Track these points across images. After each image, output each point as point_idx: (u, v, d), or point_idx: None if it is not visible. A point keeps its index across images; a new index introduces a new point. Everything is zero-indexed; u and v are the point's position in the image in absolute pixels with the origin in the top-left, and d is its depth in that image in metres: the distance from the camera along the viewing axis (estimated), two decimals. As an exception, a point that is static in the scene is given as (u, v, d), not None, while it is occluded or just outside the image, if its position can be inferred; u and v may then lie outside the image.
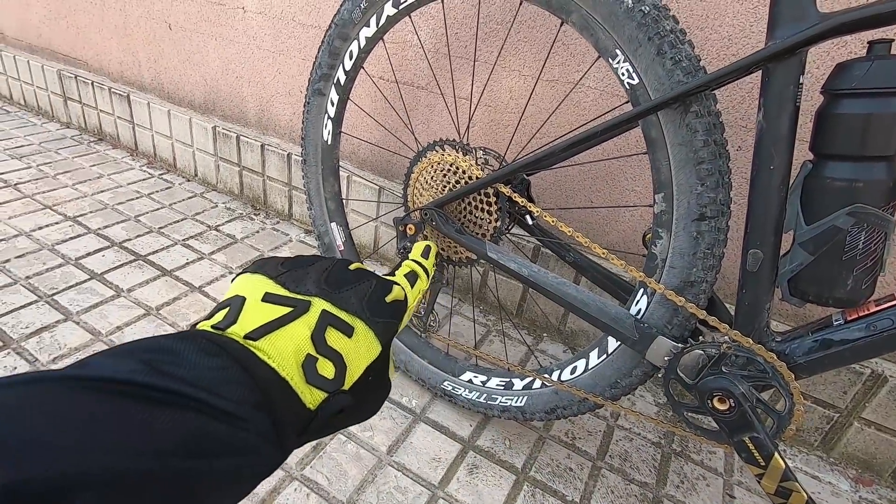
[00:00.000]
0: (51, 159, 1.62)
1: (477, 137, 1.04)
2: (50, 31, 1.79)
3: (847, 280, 0.49)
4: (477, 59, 0.97)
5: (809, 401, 0.89)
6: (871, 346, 0.49)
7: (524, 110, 0.93)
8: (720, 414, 0.56)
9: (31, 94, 1.95)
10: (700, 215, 0.56)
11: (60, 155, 1.66)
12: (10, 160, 1.58)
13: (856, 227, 0.47)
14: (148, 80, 1.61)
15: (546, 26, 0.89)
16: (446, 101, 1.03)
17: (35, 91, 1.92)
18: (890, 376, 0.82)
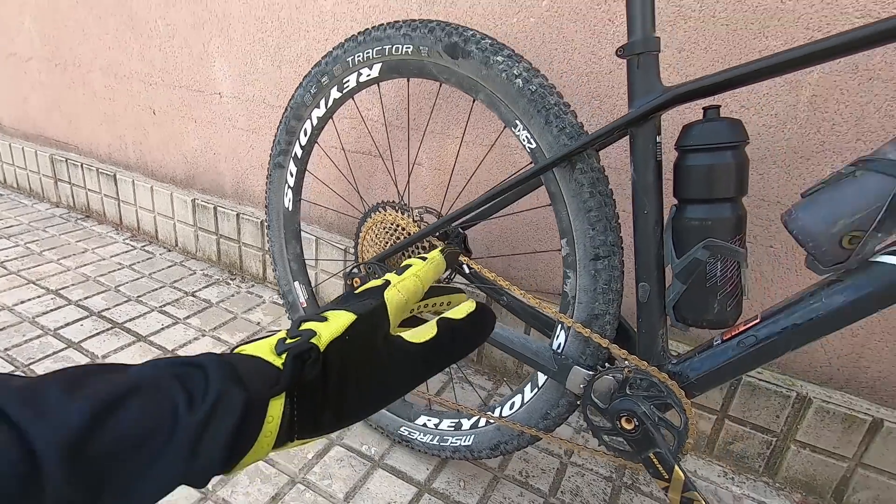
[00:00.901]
0: (38, 237, 1.71)
1: (425, 198, 1.14)
2: (45, 121, 1.94)
3: (713, 304, 0.57)
4: (412, 129, 1.09)
5: (748, 426, 0.94)
6: (743, 361, 0.56)
7: (452, 171, 1.04)
8: (628, 433, 0.61)
9: (24, 177, 2.07)
10: (595, 255, 0.65)
11: (48, 233, 1.75)
12: (2, 238, 1.67)
13: (711, 258, 0.56)
14: (133, 161, 1.73)
15: (465, 101, 1.02)
16: (387, 167, 1.14)
17: (28, 174, 2.04)
18: (814, 398, 0.87)
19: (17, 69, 1.91)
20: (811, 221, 0.49)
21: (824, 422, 0.87)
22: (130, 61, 1.57)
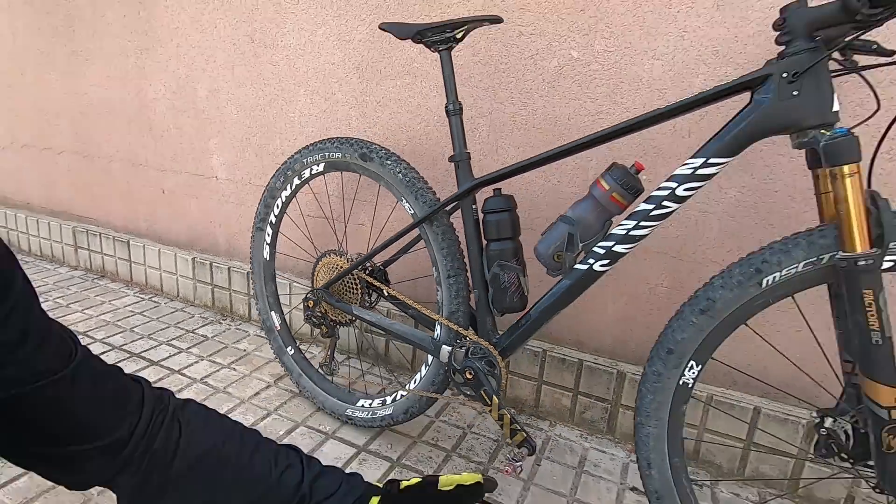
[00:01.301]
0: (64, 293, 2.10)
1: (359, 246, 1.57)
2: (70, 200, 2.37)
3: (507, 299, 0.99)
4: (347, 201, 1.54)
5: (592, 398, 1.33)
6: (525, 333, 0.98)
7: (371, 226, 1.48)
8: (469, 381, 1.02)
9: (48, 246, 2.47)
10: (448, 275, 1.08)
11: (71, 290, 2.14)
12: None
13: (503, 272, 0.99)
14: (144, 229, 2.16)
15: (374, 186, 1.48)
16: (331, 226, 1.58)
17: (51, 244, 2.45)
18: (627, 373, 1.28)
19: (50, 160, 2.36)
20: (541, 249, 0.93)
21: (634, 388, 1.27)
22: (146, 154, 2.03)
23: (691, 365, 0.81)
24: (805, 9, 0.69)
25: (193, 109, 1.83)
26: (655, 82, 1.13)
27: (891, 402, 0.66)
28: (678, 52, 1.09)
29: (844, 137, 0.66)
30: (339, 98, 1.53)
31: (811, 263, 0.71)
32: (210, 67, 1.74)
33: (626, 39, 1.13)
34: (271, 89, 1.64)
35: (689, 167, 0.79)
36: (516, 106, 1.27)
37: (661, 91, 1.13)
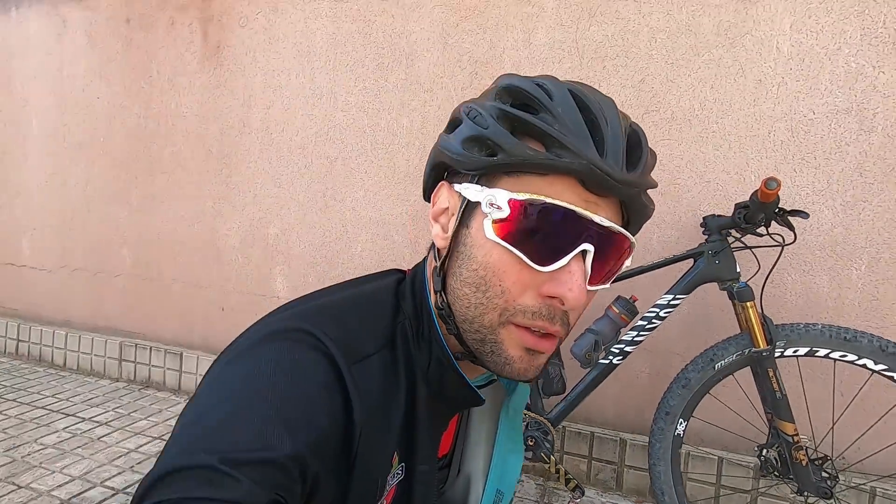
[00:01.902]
0: (119, 404, 2.31)
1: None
2: (118, 317, 2.64)
3: (553, 386, 1.47)
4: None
5: (603, 462, 1.77)
6: (565, 410, 1.45)
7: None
8: (531, 446, 1.45)
9: (87, 361, 2.67)
10: (508, 371, 1.55)
11: (123, 401, 2.36)
12: (90, 408, 2.25)
13: (550, 367, 1.47)
14: (198, 342, 2.47)
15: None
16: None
17: (91, 358, 2.66)
18: (627, 439, 1.75)
19: (102, 281, 2.66)
20: (576, 350, 1.43)
21: (635, 451, 1.74)
22: (210, 277, 2.41)
23: (681, 421, 1.31)
24: (716, 218, 1.32)
25: (263, 244, 2.28)
26: (628, 237, 1.74)
27: (793, 432, 1.19)
28: (640, 219, 1.73)
29: (745, 288, 1.25)
30: (395, 239, 2.05)
31: (739, 354, 1.27)
32: (283, 213, 2.24)
33: (606, 210, 1.77)
34: (337, 231, 2.15)
35: (664, 299, 1.36)
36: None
37: (631, 242, 1.74)
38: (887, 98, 1.47)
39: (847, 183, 1.52)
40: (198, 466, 0.35)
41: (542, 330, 0.44)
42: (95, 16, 2.53)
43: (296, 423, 0.38)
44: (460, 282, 0.46)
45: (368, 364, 0.45)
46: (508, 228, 0.43)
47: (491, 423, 0.62)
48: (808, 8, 1.52)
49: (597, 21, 1.72)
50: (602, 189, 0.43)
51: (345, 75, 2.08)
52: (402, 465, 0.50)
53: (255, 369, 0.41)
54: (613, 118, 0.44)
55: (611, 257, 0.46)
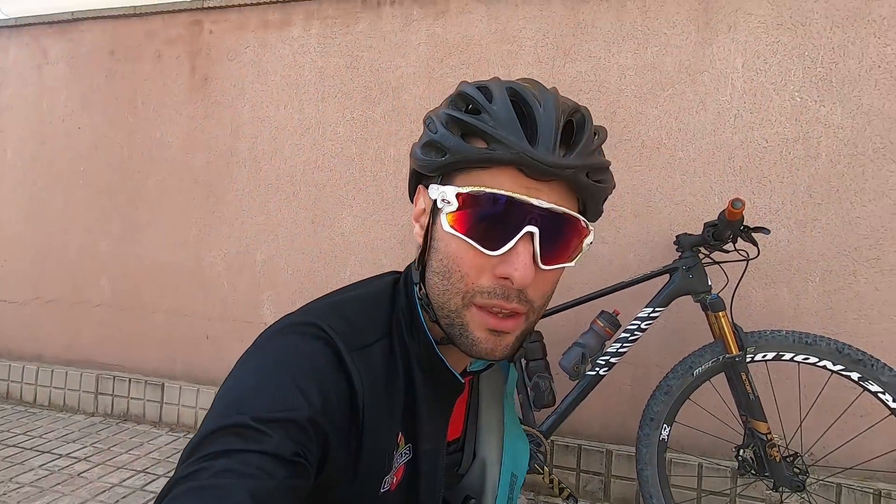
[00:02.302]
0: (97, 439, 2.24)
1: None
2: (95, 349, 2.58)
3: (544, 399, 1.54)
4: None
5: (591, 473, 1.84)
6: (556, 422, 1.52)
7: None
8: (525, 458, 1.50)
9: (60, 396, 2.58)
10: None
11: (101, 435, 2.28)
12: (66, 444, 2.18)
13: (541, 380, 1.55)
14: (180, 372, 2.43)
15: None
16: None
17: (65, 393, 2.57)
18: (613, 450, 1.82)
19: (78, 313, 2.60)
20: (564, 363, 1.51)
21: (621, 462, 1.81)
22: (194, 305, 2.40)
23: (665, 427, 1.40)
24: (687, 237, 1.44)
25: (250, 271, 2.30)
26: (605, 256, 1.86)
27: (766, 430, 1.29)
28: (617, 238, 1.85)
29: (717, 299, 1.37)
30: (384, 263, 2.11)
31: (714, 361, 1.37)
32: (271, 240, 2.27)
33: (585, 231, 1.88)
34: (326, 256, 2.19)
35: (645, 312, 1.46)
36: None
37: (609, 260, 1.86)
38: (828, 128, 1.65)
39: (799, 203, 1.68)
40: (235, 425, 0.41)
41: (500, 308, 0.49)
42: (78, 47, 2.55)
43: (310, 392, 0.45)
44: (432, 272, 0.52)
45: (368, 352, 0.52)
46: (459, 219, 0.49)
47: (498, 409, 0.67)
48: (757, 49, 1.71)
49: (571, 59, 1.88)
50: (539, 174, 0.47)
51: (333, 106, 2.17)
52: (409, 446, 0.55)
53: (274, 352, 0.48)
54: (549, 108, 0.48)
55: (563, 237, 0.50)
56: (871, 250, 1.63)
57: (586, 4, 1.86)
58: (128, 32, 2.46)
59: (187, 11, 2.36)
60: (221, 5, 2.29)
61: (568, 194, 0.50)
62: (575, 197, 0.51)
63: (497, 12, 1.95)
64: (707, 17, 1.75)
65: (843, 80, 1.64)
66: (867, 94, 1.62)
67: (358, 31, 2.12)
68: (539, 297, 0.51)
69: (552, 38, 1.90)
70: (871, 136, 1.63)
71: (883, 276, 1.62)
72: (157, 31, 2.42)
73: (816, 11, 1.66)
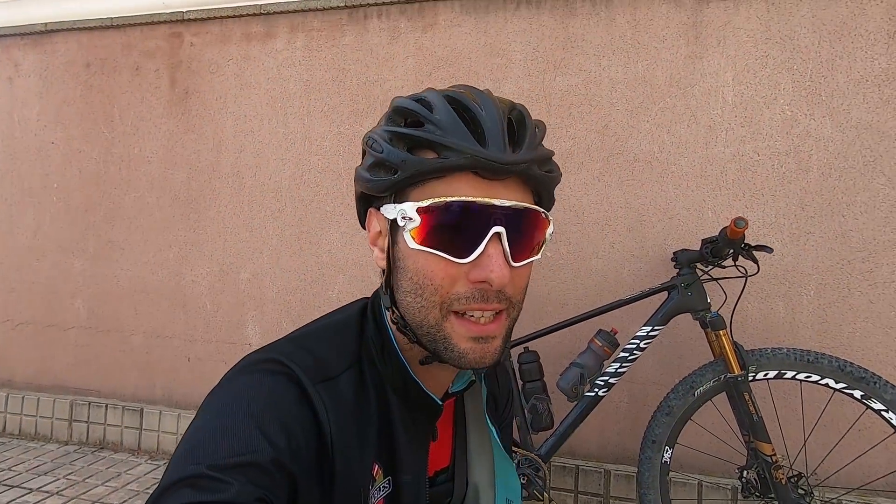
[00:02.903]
0: (71, 470, 2.12)
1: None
2: (69, 373, 2.46)
3: (542, 421, 1.49)
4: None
5: (589, 495, 1.79)
6: (555, 445, 1.48)
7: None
8: (524, 484, 1.45)
9: (31, 423, 2.45)
10: (497, 409, 1.56)
11: (76, 465, 2.17)
12: (37, 477, 2.06)
13: (538, 402, 1.50)
14: (160, 396, 2.33)
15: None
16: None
17: (37, 420, 2.44)
18: (612, 471, 1.78)
19: (52, 335, 2.48)
20: (562, 384, 1.47)
21: (620, 482, 1.77)
22: (175, 326, 2.31)
23: (667, 449, 1.36)
24: (685, 253, 1.42)
25: (234, 290, 2.22)
26: (600, 271, 1.83)
27: (771, 452, 1.26)
28: (611, 253, 1.82)
29: (717, 317, 1.34)
30: (373, 281, 2.05)
31: (716, 380, 1.35)
32: (255, 257, 2.19)
33: (579, 246, 1.85)
34: (313, 274, 2.12)
35: (643, 331, 1.43)
36: (513, 286, 1.90)
37: (604, 276, 1.83)
38: (819, 142, 1.66)
39: (792, 217, 1.68)
40: (189, 476, 0.39)
41: (481, 311, 0.48)
42: (52, 60, 2.46)
43: (272, 432, 0.44)
44: (402, 293, 0.51)
45: (335, 383, 0.50)
46: (423, 233, 0.48)
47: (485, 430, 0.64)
48: (747, 62, 1.70)
49: (561, 72, 1.86)
50: (495, 174, 0.48)
51: (319, 121, 2.11)
52: (389, 479, 0.53)
53: (233, 394, 0.47)
54: (490, 109, 0.49)
55: (528, 232, 0.50)
56: (864, 263, 1.63)
57: (576, 18, 1.84)
58: (104, 44, 2.38)
59: (167, 23, 2.29)
60: (202, 17, 2.23)
61: (523, 189, 0.51)
62: (529, 190, 0.52)
63: (486, 25, 1.93)
64: (696, 32, 1.75)
65: (831, 93, 1.65)
66: (856, 108, 1.63)
67: (344, 44, 2.08)
68: (517, 293, 0.51)
69: (542, 51, 1.88)
70: (860, 150, 1.63)
71: (876, 289, 1.62)
72: (135, 43, 2.34)
73: (804, 26, 1.67)
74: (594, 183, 1.83)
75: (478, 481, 0.64)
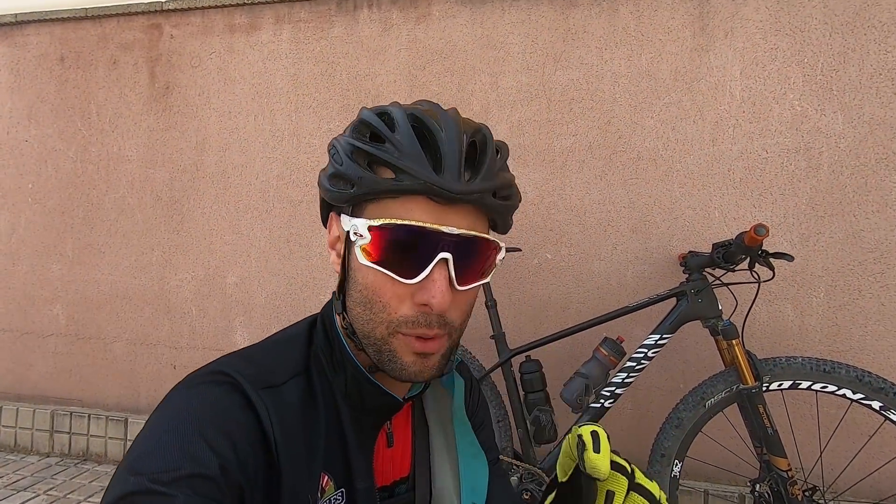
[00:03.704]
0: (52, 484, 2.03)
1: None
2: (49, 382, 2.36)
3: (545, 434, 1.43)
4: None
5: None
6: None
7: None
8: (528, 500, 1.39)
9: (10, 435, 2.35)
10: (497, 421, 1.49)
11: (58, 479, 2.07)
12: (16, 493, 1.96)
13: (541, 413, 1.44)
14: (145, 405, 2.24)
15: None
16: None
17: (16, 431, 2.34)
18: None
19: (29, 343, 2.37)
20: (566, 395, 1.40)
21: (623, 490, 1.71)
22: (159, 333, 2.21)
23: (676, 462, 1.30)
24: (696, 257, 1.35)
25: (220, 295, 2.13)
26: (603, 274, 1.76)
27: (786, 467, 1.21)
28: (614, 255, 1.75)
29: (729, 326, 1.28)
30: (366, 284, 1.97)
31: (728, 391, 1.28)
32: (243, 261, 2.10)
33: (581, 247, 1.78)
34: (303, 278, 2.04)
35: (651, 339, 1.36)
36: (524, 294, 1.83)
37: (607, 279, 1.76)
38: (830, 138, 1.59)
39: (801, 217, 1.62)
40: (131, 492, 0.39)
41: (424, 336, 0.50)
42: (23, 53, 2.33)
43: (216, 442, 0.44)
44: (353, 302, 0.53)
45: (278, 391, 0.51)
46: (374, 251, 0.49)
47: (448, 433, 0.64)
48: (755, 56, 1.63)
49: (562, 66, 1.77)
50: (447, 201, 0.48)
51: (307, 117, 2.01)
52: (342, 491, 0.53)
53: (176, 407, 0.47)
54: (452, 135, 0.49)
55: (476, 258, 0.51)
56: (876, 264, 1.57)
57: (577, 9, 1.76)
58: (79, 37, 2.26)
59: (145, 14, 2.17)
60: (183, 7, 2.11)
61: (477, 215, 0.52)
62: (484, 216, 0.53)
63: (482, 16, 1.84)
64: (703, 23, 1.67)
65: (843, 87, 1.58)
66: (869, 103, 1.57)
67: (333, 37, 1.97)
68: (458, 318, 0.52)
69: (541, 43, 1.79)
70: (873, 146, 1.57)
71: (888, 291, 1.57)
72: (112, 34, 2.22)
73: (815, 17, 1.60)
74: (596, 182, 1.75)
75: (442, 486, 0.63)
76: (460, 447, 0.64)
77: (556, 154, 1.78)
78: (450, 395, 0.65)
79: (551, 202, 1.80)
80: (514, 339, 1.76)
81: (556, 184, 1.79)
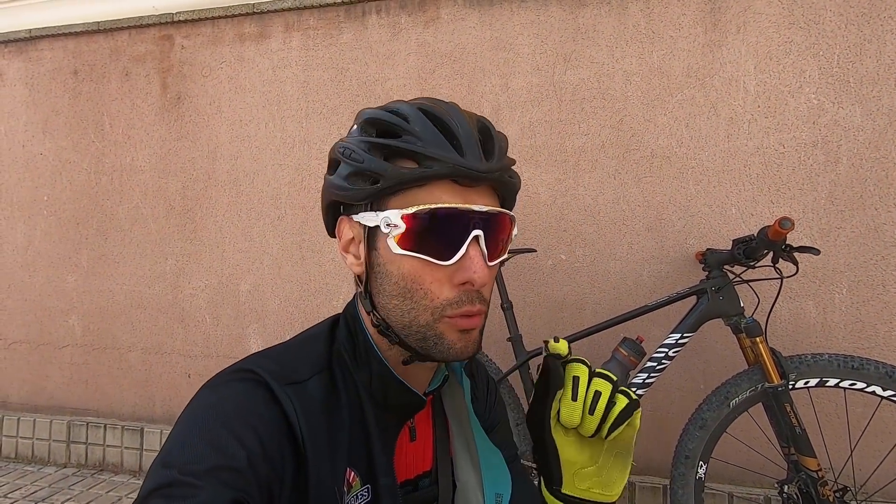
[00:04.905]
0: (69, 495, 2.03)
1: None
2: (65, 393, 2.37)
3: None
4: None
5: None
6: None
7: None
8: None
9: (28, 446, 2.36)
10: (516, 423, 1.47)
11: (75, 490, 2.08)
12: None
13: None
14: (160, 414, 2.24)
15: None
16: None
17: (34, 443, 2.35)
18: (636, 483, 1.69)
19: (46, 354, 2.39)
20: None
21: (645, 495, 1.68)
22: (173, 342, 2.22)
23: (701, 464, 1.28)
24: (716, 253, 1.33)
25: (234, 302, 2.13)
26: (618, 273, 1.74)
27: (816, 467, 1.17)
28: (630, 254, 1.73)
29: (753, 323, 1.25)
30: (380, 289, 1.96)
31: (753, 390, 1.26)
32: (256, 268, 2.10)
33: (595, 248, 1.76)
34: (316, 284, 2.03)
35: (672, 338, 1.34)
36: (539, 296, 1.81)
37: (623, 278, 1.74)
38: (848, 131, 1.57)
39: (821, 211, 1.59)
40: (161, 485, 0.41)
41: (468, 313, 0.52)
42: (38, 68, 2.36)
43: (244, 436, 0.45)
44: (387, 297, 0.53)
45: (302, 386, 0.52)
46: (409, 239, 0.50)
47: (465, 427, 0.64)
48: (769, 50, 1.61)
49: (572, 65, 1.76)
50: (472, 181, 0.51)
51: (318, 123, 2.02)
52: (368, 488, 0.54)
53: (206, 403, 0.48)
54: (462, 121, 0.52)
55: (499, 234, 0.54)
56: (900, 258, 1.54)
57: (586, 8, 1.75)
58: (91, 50, 2.29)
59: (156, 26, 2.20)
60: (193, 18, 2.13)
61: (492, 194, 0.55)
62: (496, 195, 0.56)
63: (491, 18, 1.83)
64: (715, 18, 1.65)
65: (860, 79, 1.56)
66: (887, 94, 1.54)
67: (342, 43, 1.98)
68: (488, 293, 0.55)
69: (551, 43, 1.78)
70: (893, 138, 1.54)
71: (913, 285, 1.53)
72: (124, 47, 2.24)
73: (829, 9, 1.58)
74: (610, 181, 1.74)
75: (465, 480, 0.64)
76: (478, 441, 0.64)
77: (568, 154, 1.77)
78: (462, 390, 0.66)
79: (564, 202, 1.79)
80: (530, 341, 1.74)
81: (569, 184, 1.78)
